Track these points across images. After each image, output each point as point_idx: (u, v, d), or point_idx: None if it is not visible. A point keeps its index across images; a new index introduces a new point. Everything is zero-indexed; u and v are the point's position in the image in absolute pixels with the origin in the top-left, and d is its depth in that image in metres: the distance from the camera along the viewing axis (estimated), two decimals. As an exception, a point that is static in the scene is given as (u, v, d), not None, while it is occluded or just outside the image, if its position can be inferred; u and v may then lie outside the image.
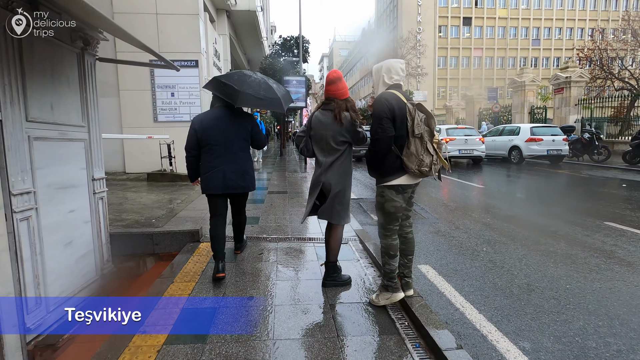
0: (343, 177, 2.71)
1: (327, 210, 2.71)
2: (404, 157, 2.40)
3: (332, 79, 2.68)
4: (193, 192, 6.75)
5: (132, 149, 8.81)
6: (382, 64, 2.55)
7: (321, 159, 2.70)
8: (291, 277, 3.00)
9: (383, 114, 2.37)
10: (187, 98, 8.77)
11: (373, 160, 2.50)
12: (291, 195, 6.52)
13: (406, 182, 2.48)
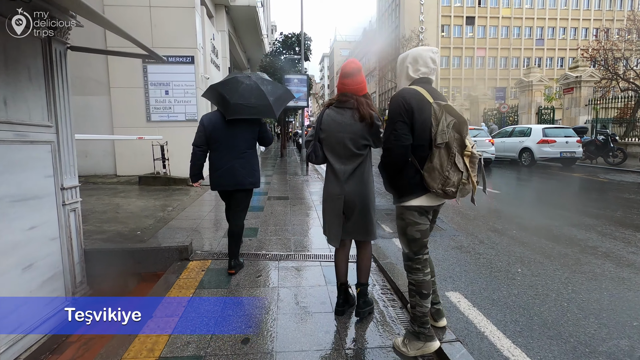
0: (367, 187, 2.23)
1: (354, 228, 2.25)
2: (424, 172, 1.88)
3: (351, 71, 2.17)
4: (187, 197, 6.23)
5: (124, 151, 8.29)
6: (408, 53, 2.04)
7: (338, 167, 2.19)
8: (296, 311, 2.48)
9: (398, 117, 1.85)
10: (182, 96, 8.25)
11: (387, 174, 1.99)
12: (293, 202, 6.00)
13: (429, 203, 1.97)
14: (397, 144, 1.83)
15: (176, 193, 6.73)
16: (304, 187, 7.60)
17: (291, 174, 9.69)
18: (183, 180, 7.56)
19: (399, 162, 1.88)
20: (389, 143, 1.85)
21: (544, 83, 19.12)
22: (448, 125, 1.79)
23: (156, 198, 6.14)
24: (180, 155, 8.19)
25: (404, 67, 2.02)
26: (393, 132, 1.83)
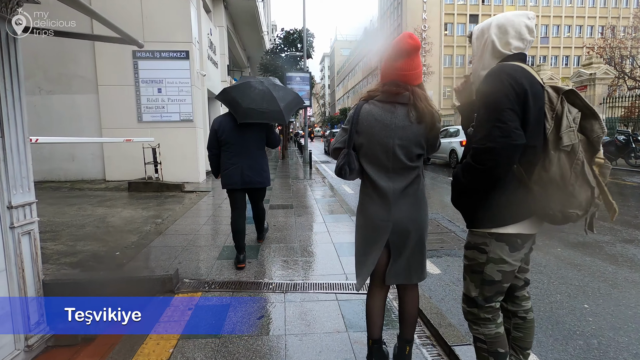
0: (422, 211, 1.64)
1: (404, 267, 1.64)
2: (534, 185, 1.30)
3: (409, 49, 1.52)
4: (180, 206, 5.59)
5: (113, 154, 7.66)
6: (491, 21, 1.42)
7: (384, 185, 1.58)
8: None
9: (505, 103, 1.24)
10: (176, 94, 7.62)
11: (471, 187, 1.39)
12: (298, 211, 5.35)
13: (530, 231, 1.39)
14: (505, 142, 1.22)
15: (168, 201, 6.10)
16: (309, 193, 6.96)
17: (293, 178, 9.05)
18: (177, 186, 6.93)
19: (502, 171, 1.29)
20: (491, 141, 1.24)
21: (555, 81, 18.46)
22: (574, 120, 1.20)
23: (145, 207, 5.50)
24: (174, 159, 7.58)
25: (486, 41, 1.41)
26: (498, 126, 1.23)
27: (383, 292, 1.74)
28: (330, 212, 5.34)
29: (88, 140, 5.45)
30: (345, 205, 5.69)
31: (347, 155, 1.61)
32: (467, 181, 1.40)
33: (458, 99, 1.63)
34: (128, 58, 7.39)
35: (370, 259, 1.63)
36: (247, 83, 3.21)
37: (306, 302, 2.59)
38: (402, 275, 1.64)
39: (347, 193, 7.24)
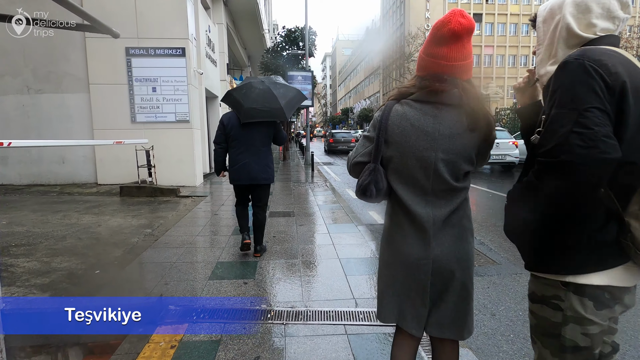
0: (467, 246, 1.24)
1: (445, 317, 1.26)
2: (632, 219, 0.92)
3: (462, 31, 1.12)
4: (174, 213, 5.21)
5: (105, 156, 7.29)
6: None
7: (420, 212, 1.20)
8: None
9: (590, 99, 0.86)
10: (171, 94, 7.24)
11: (535, 216, 1.01)
12: (300, 219, 4.97)
13: (625, 283, 0.99)
14: (588, 155, 0.83)
15: (162, 207, 5.72)
16: (311, 198, 6.57)
17: (295, 181, 8.66)
18: (171, 191, 6.55)
19: (581, 195, 0.91)
20: (566, 152, 0.85)
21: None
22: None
23: (136, 214, 5.13)
24: (170, 162, 7.21)
25: (558, 24, 1.03)
26: (578, 132, 0.84)
27: (414, 343, 1.35)
28: (334, 220, 4.95)
29: (74, 143, 5.07)
30: (351, 213, 5.29)
31: (374, 172, 1.22)
32: (530, 208, 1.01)
33: (518, 100, 1.24)
34: (121, 55, 7.02)
35: (419, 305, 1.24)
36: (249, 84, 3.31)
37: (310, 338, 2.20)
38: (449, 328, 1.24)
39: (351, 198, 6.85)
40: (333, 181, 9.07)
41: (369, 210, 5.79)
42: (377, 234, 4.40)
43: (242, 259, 3.41)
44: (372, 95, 54.00)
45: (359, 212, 5.61)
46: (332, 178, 9.76)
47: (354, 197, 6.91)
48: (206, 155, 9.02)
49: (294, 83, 12.11)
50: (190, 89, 7.29)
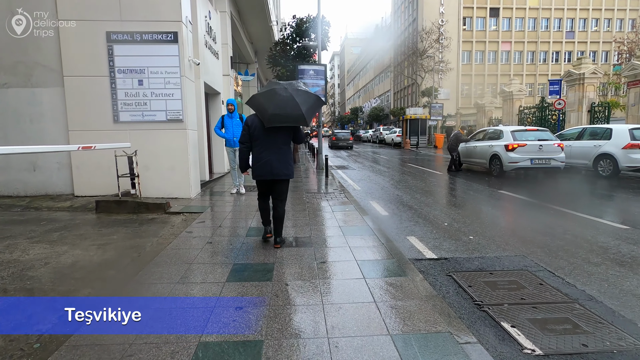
0: None
1: None
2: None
3: None
4: (155, 240, 3.97)
5: (83, 162, 6.11)
6: None
7: None
8: None
9: None
10: (161, 88, 6.03)
11: None
12: (321, 252, 3.68)
13: None
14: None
15: (143, 229, 4.50)
16: (328, 215, 5.28)
17: (308, 191, 7.38)
18: (159, 206, 5.33)
19: None
20: None
21: (598, 76, 16.41)
22: None
23: (105, 242, 3.91)
24: (159, 170, 6.00)
25: None
26: None
27: None
28: (371, 255, 3.65)
29: (23, 150, 3.86)
30: (389, 243, 3.98)
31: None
32: None
33: None
34: (101, 41, 5.83)
35: None
36: (273, 90, 3.51)
37: None
38: None
39: (381, 216, 5.55)
40: (352, 190, 7.77)
41: (407, 236, 4.47)
42: (435, 278, 3.10)
43: (238, 337, 2.15)
44: (383, 94, 52.47)
45: (401, 244, 4.31)
46: (349, 186, 8.46)
47: (384, 214, 5.61)
48: (205, 161, 7.81)
49: (305, 77, 10.86)
50: (184, 82, 6.08)
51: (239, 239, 4.07)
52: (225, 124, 6.50)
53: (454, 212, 5.72)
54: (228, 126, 6.48)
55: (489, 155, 9.95)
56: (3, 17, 5.70)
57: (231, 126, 6.46)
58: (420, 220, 5.23)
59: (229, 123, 6.48)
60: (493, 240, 4.26)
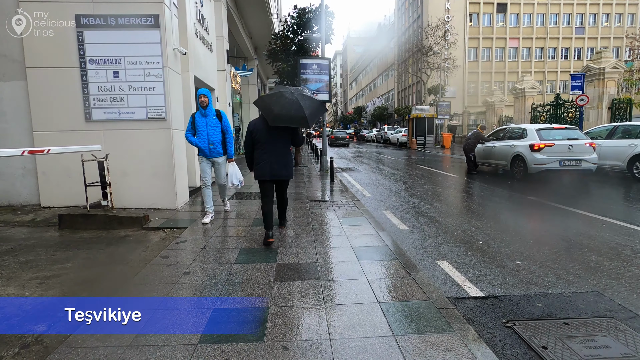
0: None
1: None
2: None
3: None
4: (120, 268, 3.09)
5: (50, 168, 5.27)
6: None
7: None
8: None
9: None
10: (141, 81, 5.17)
11: None
12: (329, 286, 2.81)
13: None
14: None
15: (111, 251, 3.64)
16: (337, 231, 4.40)
17: (312, 199, 6.50)
18: (135, 220, 4.47)
19: None
20: None
21: (619, 70, 15.40)
22: None
23: (58, 272, 3.05)
24: (139, 176, 5.16)
25: None
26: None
27: None
28: (397, 292, 2.76)
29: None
30: (417, 273, 3.10)
31: None
32: None
33: None
34: (69, 27, 4.99)
35: None
36: (280, 92, 3.81)
37: None
38: None
39: (400, 232, 4.66)
40: (362, 197, 6.88)
41: (437, 260, 3.58)
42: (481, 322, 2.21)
43: None
44: (386, 93, 51.50)
45: (425, 265, 3.42)
46: (358, 192, 7.57)
47: (401, 226, 4.72)
48: (195, 164, 6.95)
49: (307, 73, 9.98)
50: (167, 74, 5.22)
51: (225, 268, 3.19)
52: (196, 125, 4.56)
53: (485, 226, 4.82)
54: (201, 128, 4.55)
55: (511, 156, 9.02)
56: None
57: (204, 128, 4.55)
58: (448, 237, 4.33)
59: (201, 123, 4.55)
60: (548, 267, 3.37)
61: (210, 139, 4.57)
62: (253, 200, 6.22)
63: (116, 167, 5.18)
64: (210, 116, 4.59)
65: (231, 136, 4.75)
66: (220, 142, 4.64)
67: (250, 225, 4.63)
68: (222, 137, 4.65)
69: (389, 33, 49.51)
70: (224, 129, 4.66)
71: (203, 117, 4.57)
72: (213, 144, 4.59)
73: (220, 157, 4.72)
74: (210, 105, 4.58)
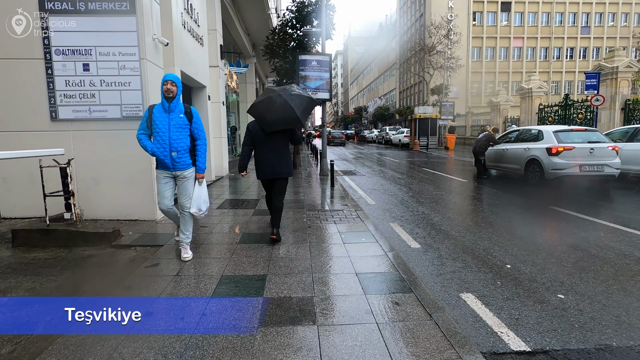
0: None
1: None
2: None
3: None
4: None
5: (11, 174, 4.63)
6: None
7: None
8: None
9: None
10: (114, 74, 4.53)
11: None
12: (330, 339, 2.16)
13: None
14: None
15: (65, 279, 3.00)
16: (339, 250, 3.75)
17: (311, 207, 5.85)
18: (103, 236, 3.83)
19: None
20: None
21: (634, 69, 14.73)
22: None
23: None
24: (114, 183, 4.53)
25: None
26: None
27: None
28: (417, 345, 2.12)
29: None
30: (438, 312, 2.45)
31: None
32: None
33: None
34: (31, 12, 4.34)
35: None
36: (269, 98, 3.87)
37: None
38: None
39: (411, 251, 4.01)
40: (365, 206, 6.23)
41: (462, 293, 2.93)
42: None
43: None
44: (388, 93, 50.83)
45: (447, 300, 2.78)
46: (361, 199, 6.92)
47: (412, 244, 4.08)
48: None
49: (306, 70, 9.34)
50: (145, 67, 4.58)
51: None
52: (154, 123, 3.24)
53: (508, 243, 4.18)
54: (160, 127, 3.23)
55: (525, 159, 8.37)
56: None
57: (166, 128, 3.24)
58: (469, 259, 3.68)
59: (162, 121, 3.24)
60: (600, 304, 2.72)
61: (173, 144, 3.23)
62: (245, 210, 5.57)
63: (87, 173, 4.54)
64: (177, 113, 3.25)
65: (204, 144, 3.44)
66: (187, 150, 3.32)
67: (237, 242, 3.98)
68: (191, 143, 3.37)
69: (390, 32, 48.86)
70: (195, 134, 3.35)
71: (166, 112, 3.24)
72: (177, 152, 3.25)
73: (187, 169, 3.36)
74: (179, 99, 3.30)
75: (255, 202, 6.19)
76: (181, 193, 3.42)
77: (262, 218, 5.02)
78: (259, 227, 4.57)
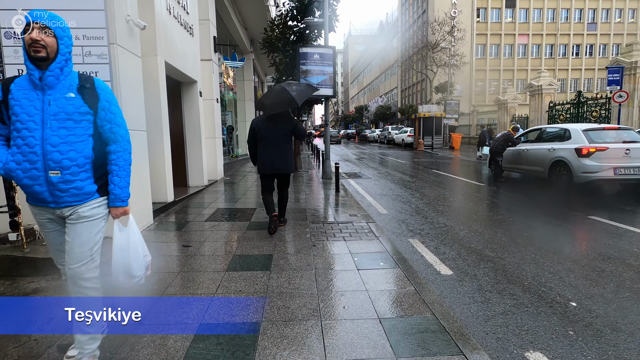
0: None
1: None
2: None
3: None
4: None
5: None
6: None
7: None
8: None
9: None
10: (78, 62, 3.74)
11: None
12: None
13: None
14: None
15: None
16: (357, 281, 2.97)
17: (314, 219, 5.06)
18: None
19: None
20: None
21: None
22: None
23: None
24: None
25: None
26: None
27: None
28: None
29: None
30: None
31: None
32: None
33: None
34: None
35: None
36: (270, 88, 4.76)
37: None
38: None
39: (442, 279, 3.23)
40: (376, 215, 5.45)
41: (527, 352, 2.15)
42: None
43: None
44: (389, 92, 50.03)
45: (497, 351, 2.00)
46: (370, 207, 6.13)
47: (442, 269, 3.29)
48: (166, 174, 5.50)
49: (308, 63, 8.58)
50: (117, 53, 3.79)
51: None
52: (11, 112, 1.61)
53: (561, 268, 3.39)
54: (22, 120, 1.59)
55: (549, 161, 7.58)
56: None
57: (37, 120, 1.60)
58: (519, 293, 2.89)
59: (26, 107, 1.60)
60: None
61: (51, 154, 1.61)
62: (239, 223, 4.78)
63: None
64: (61, 89, 1.65)
65: (126, 149, 1.82)
66: (84, 165, 1.69)
67: (225, 269, 3.20)
68: (96, 150, 1.74)
69: (391, 30, 48.05)
70: (106, 131, 1.77)
71: (37, 90, 1.63)
72: (61, 171, 1.62)
73: (85, 202, 1.72)
74: (67, 63, 1.72)
75: (251, 211, 5.40)
76: (69, 247, 1.72)
77: (259, 233, 4.23)
78: (253, 246, 3.79)
